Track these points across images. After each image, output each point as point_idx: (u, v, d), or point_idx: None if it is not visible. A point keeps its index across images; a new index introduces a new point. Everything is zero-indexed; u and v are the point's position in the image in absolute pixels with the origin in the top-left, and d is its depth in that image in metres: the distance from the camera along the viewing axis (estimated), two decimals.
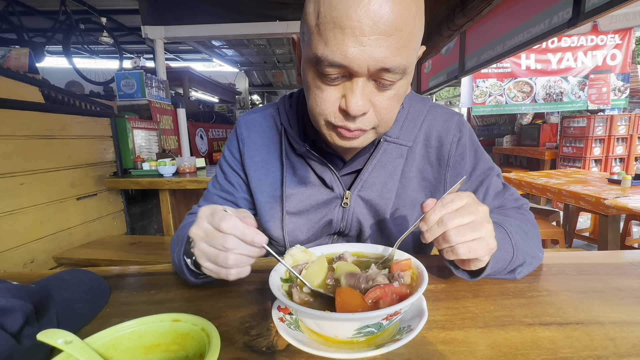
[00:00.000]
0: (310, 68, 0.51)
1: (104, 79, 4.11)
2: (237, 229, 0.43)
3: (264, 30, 3.30)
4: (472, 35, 2.88)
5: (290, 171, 0.70)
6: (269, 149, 0.72)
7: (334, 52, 0.46)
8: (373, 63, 0.46)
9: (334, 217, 0.69)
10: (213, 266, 0.45)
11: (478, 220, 0.45)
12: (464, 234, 0.44)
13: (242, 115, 0.76)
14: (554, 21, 1.84)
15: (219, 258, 0.44)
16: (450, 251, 0.46)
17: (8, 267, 1.62)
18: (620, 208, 1.69)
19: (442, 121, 0.68)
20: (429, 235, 0.46)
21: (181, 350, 0.33)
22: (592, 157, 4.20)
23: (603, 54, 4.30)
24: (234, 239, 0.43)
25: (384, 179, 0.67)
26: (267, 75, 7.90)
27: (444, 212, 0.45)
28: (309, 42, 0.49)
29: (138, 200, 2.69)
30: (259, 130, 0.73)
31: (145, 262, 1.80)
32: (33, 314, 0.40)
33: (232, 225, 0.43)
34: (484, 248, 0.45)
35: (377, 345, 0.38)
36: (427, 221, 0.46)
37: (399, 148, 0.67)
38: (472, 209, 0.46)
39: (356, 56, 0.45)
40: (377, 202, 0.67)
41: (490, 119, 6.53)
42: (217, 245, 0.44)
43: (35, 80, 1.90)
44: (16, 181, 1.67)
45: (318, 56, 0.47)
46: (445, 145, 0.67)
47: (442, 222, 0.45)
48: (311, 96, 0.53)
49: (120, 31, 4.40)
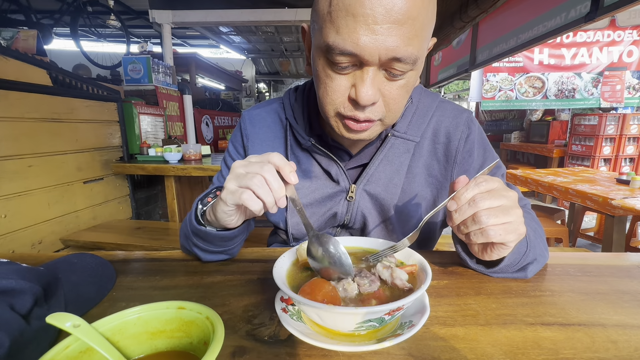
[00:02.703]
0: (320, 56, 0.51)
1: (111, 63, 4.10)
2: (284, 162, 0.46)
3: (272, 17, 3.25)
4: (485, 28, 2.82)
5: (295, 165, 0.70)
6: (274, 143, 0.72)
7: (346, 40, 0.45)
8: (385, 52, 0.45)
9: (338, 210, 0.69)
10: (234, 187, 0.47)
11: (509, 204, 0.45)
12: (496, 215, 0.44)
13: (246, 110, 0.76)
14: (571, 15, 1.78)
15: (245, 178, 0.46)
16: (479, 233, 0.45)
17: (17, 248, 1.66)
18: (627, 209, 1.67)
19: (450, 117, 0.67)
20: (458, 215, 0.45)
21: (186, 337, 0.34)
22: (602, 156, 4.13)
23: (619, 50, 4.18)
24: (270, 167, 0.45)
25: (390, 173, 0.66)
26: (275, 64, 7.82)
27: (477, 191, 0.44)
28: (320, 29, 0.49)
29: (144, 186, 2.72)
30: (264, 126, 0.72)
31: (150, 246, 1.83)
32: (42, 295, 0.41)
33: (281, 158, 0.46)
34: (514, 232, 0.45)
35: (379, 339, 0.38)
36: (458, 199, 0.45)
37: (406, 143, 0.66)
38: (503, 192, 0.45)
39: (368, 45, 0.45)
40: (383, 197, 0.67)
41: (499, 115, 6.44)
42: (250, 170, 0.46)
43: (43, 62, 1.90)
44: (24, 163, 1.69)
45: (329, 44, 0.47)
46: (453, 142, 0.66)
47: (474, 202, 0.44)
48: (321, 85, 0.53)
49: (127, 14, 4.37)
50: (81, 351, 0.29)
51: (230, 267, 0.61)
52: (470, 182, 0.45)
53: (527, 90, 4.52)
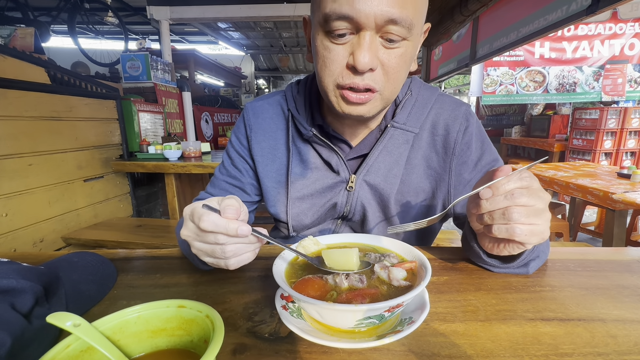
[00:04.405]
0: (319, 32, 0.53)
1: (109, 60, 4.08)
2: (219, 226, 0.42)
3: (271, 13, 3.23)
4: (485, 22, 2.79)
5: (296, 156, 0.70)
6: (276, 135, 0.72)
7: (342, 4, 0.47)
8: (380, 14, 0.47)
9: (338, 201, 0.69)
10: (212, 260, 0.46)
11: (542, 207, 0.44)
12: (527, 215, 0.43)
13: (250, 102, 0.77)
14: (572, 8, 1.77)
15: (216, 252, 0.44)
16: (504, 229, 0.43)
17: (19, 246, 1.67)
18: (628, 203, 1.67)
19: (449, 110, 0.68)
20: (489, 205, 0.43)
21: (186, 335, 0.34)
22: (603, 150, 4.12)
23: (621, 43, 4.14)
24: (222, 235, 0.42)
25: (390, 164, 0.67)
26: (274, 60, 7.78)
27: (518, 185, 0.43)
28: (319, 5, 0.51)
29: (144, 183, 2.72)
30: (266, 117, 0.73)
31: (151, 244, 1.83)
32: (43, 294, 0.41)
33: (212, 224, 0.42)
34: (538, 235, 0.44)
35: (379, 335, 0.38)
36: (497, 188, 0.43)
37: (405, 134, 0.67)
38: (541, 193, 0.44)
39: (363, 7, 0.47)
40: (382, 187, 0.67)
41: (500, 109, 6.40)
42: (209, 241, 0.44)
43: (41, 60, 1.89)
44: (24, 162, 1.69)
45: (326, 12, 0.49)
46: (451, 134, 0.67)
47: (511, 196, 0.42)
48: (319, 60, 0.54)
49: (125, 11, 4.34)
50: (82, 350, 0.30)
51: None
52: (514, 174, 0.43)
53: (528, 85, 4.49)
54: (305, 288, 0.41)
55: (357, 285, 0.42)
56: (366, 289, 0.41)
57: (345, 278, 0.43)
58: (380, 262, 0.47)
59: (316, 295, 0.40)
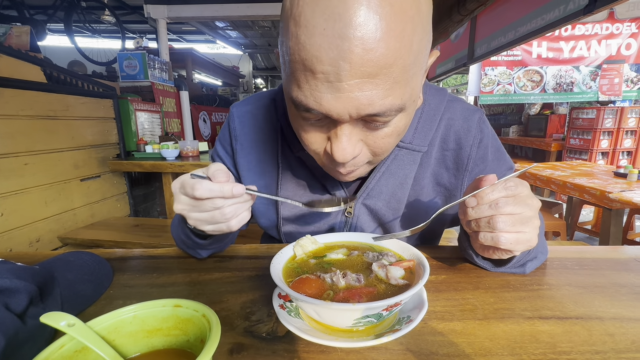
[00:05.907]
0: (290, 104, 0.45)
1: (106, 59, 4.06)
2: (214, 191, 0.42)
3: (269, 12, 3.22)
4: (483, 21, 2.80)
5: (287, 173, 0.63)
6: (265, 147, 0.64)
7: (308, 97, 0.39)
8: (355, 111, 0.38)
9: (335, 226, 0.64)
10: (213, 227, 0.46)
11: (529, 214, 0.43)
12: (512, 223, 0.42)
13: (235, 105, 0.68)
14: (570, 8, 1.77)
15: (216, 217, 0.44)
16: (490, 237, 0.43)
17: (15, 246, 1.65)
18: (624, 202, 1.68)
19: (461, 120, 0.60)
20: (475, 213, 0.43)
21: (182, 335, 0.33)
22: (600, 150, 4.14)
23: (618, 43, 4.17)
24: (218, 199, 0.43)
25: (393, 187, 0.60)
26: (272, 59, 7.77)
27: (503, 194, 0.42)
28: (284, 74, 0.42)
29: (141, 183, 2.71)
30: (254, 125, 0.65)
31: (148, 244, 1.82)
32: (37, 294, 0.41)
33: (207, 190, 0.42)
34: (524, 243, 0.43)
35: (377, 334, 0.38)
36: (481, 198, 0.42)
37: (412, 154, 0.59)
38: (528, 200, 0.43)
39: (333, 104, 0.38)
40: (384, 213, 0.62)
41: (497, 109, 6.43)
42: (207, 208, 0.44)
43: (37, 59, 1.88)
44: (20, 161, 1.68)
45: (292, 98, 0.41)
46: (465, 149, 0.60)
47: (496, 205, 0.42)
48: (297, 132, 0.48)
49: (122, 9, 4.32)
50: (76, 350, 0.29)
51: (227, 264, 0.61)
52: (499, 183, 0.42)
53: (526, 84, 4.51)
54: (302, 287, 0.41)
55: (355, 284, 0.42)
56: (364, 288, 0.41)
57: (342, 277, 0.43)
58: (378, 260, 0.46)
59: (314, 294, 0.40)
